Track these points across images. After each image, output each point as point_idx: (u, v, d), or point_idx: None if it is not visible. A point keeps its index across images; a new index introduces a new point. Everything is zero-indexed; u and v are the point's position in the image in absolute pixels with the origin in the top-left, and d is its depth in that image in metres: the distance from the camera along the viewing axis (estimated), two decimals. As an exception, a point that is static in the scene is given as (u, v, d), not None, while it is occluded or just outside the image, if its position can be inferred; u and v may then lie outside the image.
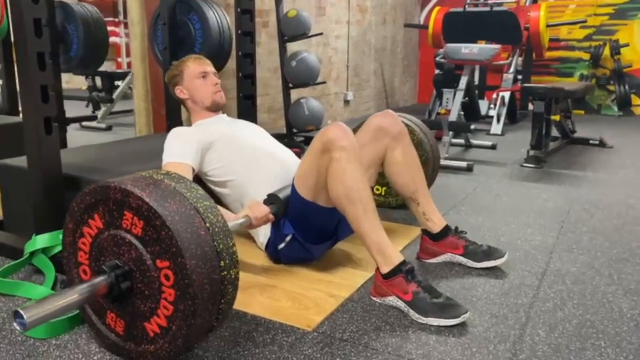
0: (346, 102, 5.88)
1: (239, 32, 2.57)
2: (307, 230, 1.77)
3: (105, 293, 1.23)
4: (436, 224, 1.89)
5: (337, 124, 1.66)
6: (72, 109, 5.48)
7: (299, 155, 3.77)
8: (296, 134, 4.18)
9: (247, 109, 2.67)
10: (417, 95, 7.68)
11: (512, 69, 5.25)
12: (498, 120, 4.97)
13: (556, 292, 1.69)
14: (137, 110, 3.40)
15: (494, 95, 5.07)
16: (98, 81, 5.66)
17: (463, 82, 3.81)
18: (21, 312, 1.08)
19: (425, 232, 1.92)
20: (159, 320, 1.22)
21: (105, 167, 2.00)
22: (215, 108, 2.05)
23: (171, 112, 2.74)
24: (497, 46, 3.84)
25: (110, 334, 1.32)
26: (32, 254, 1.74)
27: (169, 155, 1.81)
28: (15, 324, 1.09)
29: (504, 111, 5.05)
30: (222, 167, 1.90)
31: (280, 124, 4.42)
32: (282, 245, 1.79)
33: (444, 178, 3.20)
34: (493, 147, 4.00)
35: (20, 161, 1.93)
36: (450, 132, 3.61)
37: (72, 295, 1.19)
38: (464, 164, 3.42)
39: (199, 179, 1.94)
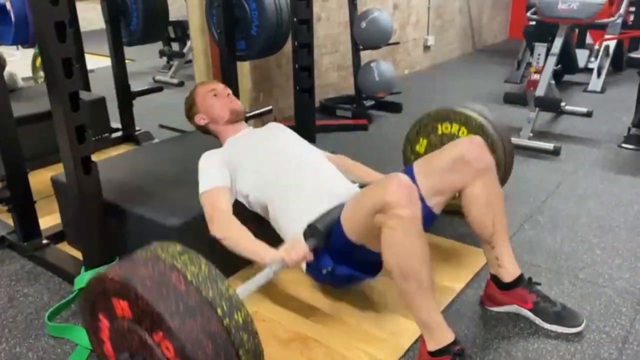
0: (426, 47, 5.43)
1: (295, 20, 2.32)
2: (350, 264, 1.62)
3: None
4: (508, 273, 1.67)
5: (400, 181, 1.39)
6: (145, 57, 5.52)
7: (366, 126, 3.60)
8: (365, 99, 3.94)
9: (304, 103, 2.48)
10: (508, 30, 6.95)
11: (621, 10, 4.51)
12: (599, 75, 4.40)
13: (637, 374, 1.47)
14: (199, 87, 3.29)
15: (596, 46, 4.44)
16: (171, 31, 5.57)
17: (557, 46, 3.32)
18: None
19: (494, 279, 1.72)
20: None
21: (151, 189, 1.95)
22: (235, 117, 1.98)
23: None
24: (602, 0, 3.27)
25: None
26: (81, 289, 1.76)
27: (202, 186, 1.76)
28: None
29: (606, 64, 4.45)
30: (258, 190, 1.78)
31: (349, 83, 4.17)
32: (324, 272, 1.64)
33: (524, 165, 2.88)
34: (588, 114, 3.50)
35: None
36: (537, 109, 3.20)
37: None
38: (550, 145, 3.05)
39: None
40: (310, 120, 2.54)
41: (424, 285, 1.39)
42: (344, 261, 1.62)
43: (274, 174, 1.76)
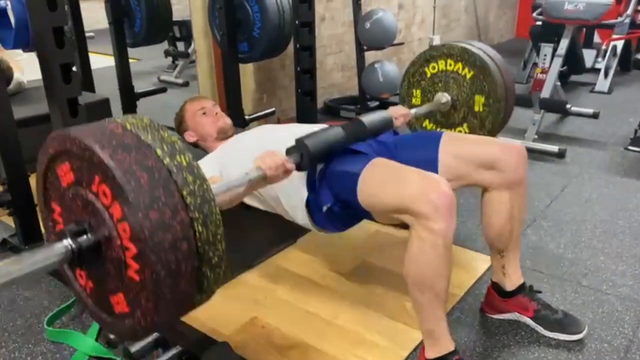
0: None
1: (297, 22, 2.31)
2: (351, 210, 1.54)
3: (72, 258, 1.01)
4: (512, 282, 1.66)
5: (440, 191, 1.29)
6: (150, 56, 5.50)
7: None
8: (369, 100, 3.92)
9: (305, 106, 2.47)
10: (515, 28, 6.90)
11: (629, 11, 4.47)
12: (606, 75, 4.36)
13: (639, 385, 1.45)
14: (202, 89, 3.29)
15: (604, 46, 4.40)
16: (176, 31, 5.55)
17: (563, 47, 3.28)
18: None
19: (495, 286, 1.70)
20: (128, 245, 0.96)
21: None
22: (223, 135, 1.96)
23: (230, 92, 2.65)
24: (609, 1, 3.23)
25: None
26: (81, 294, 1.76)
27: None
28: None
29: (614, 64, 4.40)
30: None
31: (354, 83, 4.16)
32: (324, 209, 1.55)
33: (529, 169, 2.78)
34: (595, 115, 3.46)
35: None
36: (542, 111, 3.17)
37: (16, 267, 0.94)
38: (555, 148, 3.02)
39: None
40: (312, 123, 2.52)
41: (439, 297, 1.36)
42: (343, 205, 1.54)
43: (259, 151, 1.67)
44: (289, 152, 1.44)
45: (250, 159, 1.39)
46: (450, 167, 1.58)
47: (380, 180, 1.42)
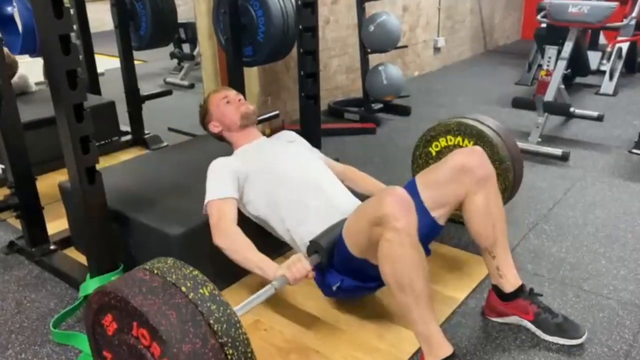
0: (436, 49, 5.40)
1: (300, 27, 2.33)
2: (357, 276, 1.64)
3: None
4: (510, 283, 1.67)
5: (397, 194, 1.41)
6: (157, 58, 5.54)
7: (374, 130, 3.59)
8: (373, 102, 3.94)
9: (309, 109, 2.48)
10: (520, 30, 6.89)
11: (634, 13, 4.45)
12: (611, 78, 4.35)
13: (638, 390, 1.45)
14: (207, 91, 3.30)
15: (609, 48, 4.38)
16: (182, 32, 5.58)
17: (567, 51, 3.28)
18: None
19: (495, 289, 1.71)
20: None
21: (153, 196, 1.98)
22: (247, 121, 2.01)
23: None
24: (613, 4, 3.23)
25: None
26: (86, 297, 1.78)
27: (210, 194, 1.77)
28: None
29: (619, 66, 4.39)
30: (263, 204, 1.80)
31: (358, 85, 4.17)
32: (334, 289, 1.66)
33: (532, 172, 2.85)
34: (599, 118, 3.44)
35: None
36: (545, 114, 3.17)
37: None
38: (558, 151, 3.02)
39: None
40: (316, 126, 2.54)
41: (421, 296, 1.39)
42: (349, 275, 1.63)
43: (282, 193, 1.77)
44: (308, 252, 1.62)
45: (276, 196, 1.75)
46: (433, 198, 1.67)
47: (353, 222, 1.55)
